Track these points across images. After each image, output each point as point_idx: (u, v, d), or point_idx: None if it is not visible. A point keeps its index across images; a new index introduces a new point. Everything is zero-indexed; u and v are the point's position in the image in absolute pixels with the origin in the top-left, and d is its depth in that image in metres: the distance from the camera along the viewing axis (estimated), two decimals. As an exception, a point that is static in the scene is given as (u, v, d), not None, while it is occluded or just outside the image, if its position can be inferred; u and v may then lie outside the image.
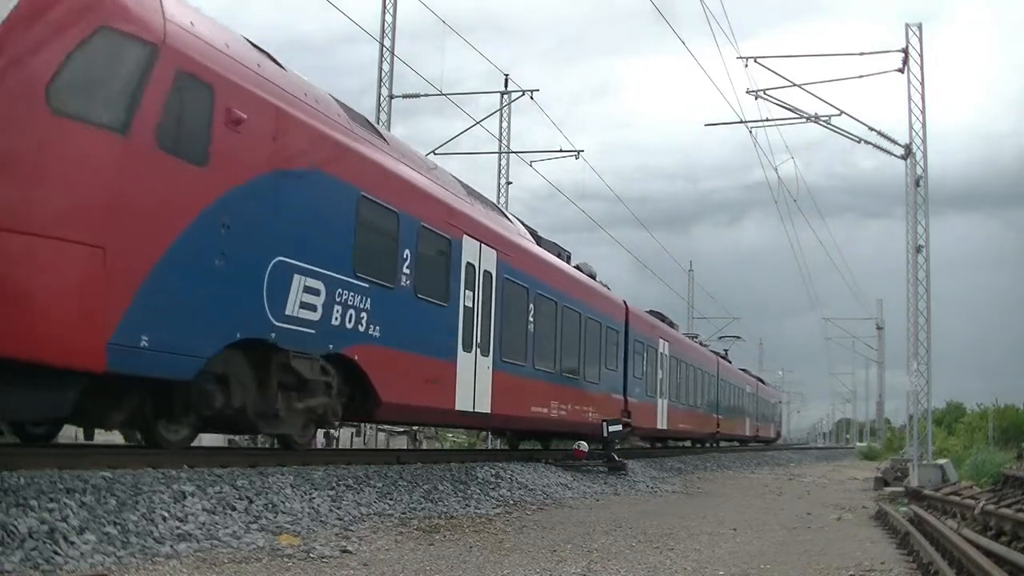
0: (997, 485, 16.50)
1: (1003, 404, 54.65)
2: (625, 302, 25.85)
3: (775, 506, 16.53)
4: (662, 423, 29.41)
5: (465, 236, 14.58)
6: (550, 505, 13.96)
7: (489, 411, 15.43)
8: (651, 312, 30.82)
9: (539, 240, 19.97)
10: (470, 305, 14.77)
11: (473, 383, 14.88)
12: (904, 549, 10.37)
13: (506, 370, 16.25)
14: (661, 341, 29.82)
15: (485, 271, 15.33)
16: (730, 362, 49.11)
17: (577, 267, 22.47)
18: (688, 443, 38.56)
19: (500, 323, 15.93)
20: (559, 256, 20.84)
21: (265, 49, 10.55)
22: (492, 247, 15.65)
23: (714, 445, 43.32)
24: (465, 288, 14.55)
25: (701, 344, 42.53)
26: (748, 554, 9.41)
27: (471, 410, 14.85)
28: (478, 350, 15.02)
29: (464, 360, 14.58)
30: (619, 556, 8.77)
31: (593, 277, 23.59)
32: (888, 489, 21.43)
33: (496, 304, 15.77)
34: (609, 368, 23.47)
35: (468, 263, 14.72)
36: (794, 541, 10.93)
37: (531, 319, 17.63)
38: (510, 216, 19.18)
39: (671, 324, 33.87)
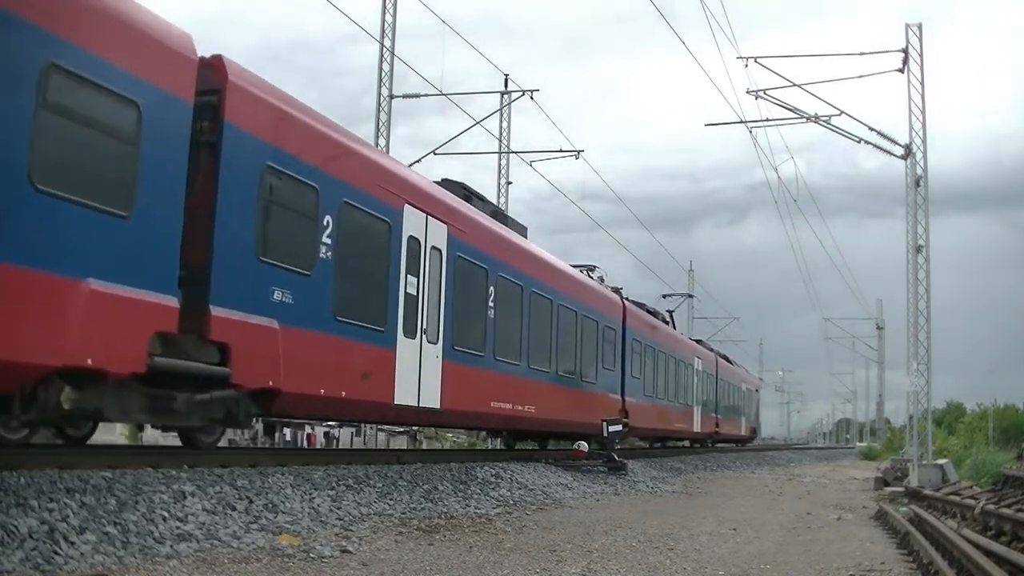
0: (997, 485, 16.51)
1: (1003, 404, 54.87)
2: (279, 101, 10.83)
3: (775, 506, 16.53)
4: (432, 397, 14.15)
5: None
6: (550, 505, 13.97)
7: None
8: (443, 182, 16.44)
9: None
10: None
11: None
12: (904, 549, 10.38)
13: None
14: (429, 220, 14.17)
15: None
16: (668, 323, 33.80)
17: None
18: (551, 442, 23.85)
19: None
20: None
21: None
22: None
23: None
24: None
25: (602, 282, 25.38)
26: (748, 554, 9.42)
27: None
28: None
29: None
30: (619, 556, 8.77)
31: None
32: (888, 489, 21.44)
33: None
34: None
35: None
36: (794, 541, 10.93)
37: None
38: None
39: (501, 217, 18.77)
